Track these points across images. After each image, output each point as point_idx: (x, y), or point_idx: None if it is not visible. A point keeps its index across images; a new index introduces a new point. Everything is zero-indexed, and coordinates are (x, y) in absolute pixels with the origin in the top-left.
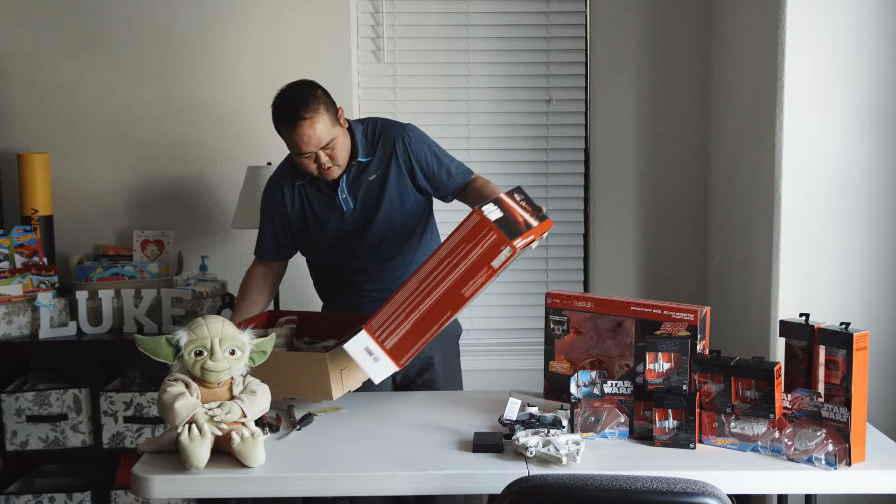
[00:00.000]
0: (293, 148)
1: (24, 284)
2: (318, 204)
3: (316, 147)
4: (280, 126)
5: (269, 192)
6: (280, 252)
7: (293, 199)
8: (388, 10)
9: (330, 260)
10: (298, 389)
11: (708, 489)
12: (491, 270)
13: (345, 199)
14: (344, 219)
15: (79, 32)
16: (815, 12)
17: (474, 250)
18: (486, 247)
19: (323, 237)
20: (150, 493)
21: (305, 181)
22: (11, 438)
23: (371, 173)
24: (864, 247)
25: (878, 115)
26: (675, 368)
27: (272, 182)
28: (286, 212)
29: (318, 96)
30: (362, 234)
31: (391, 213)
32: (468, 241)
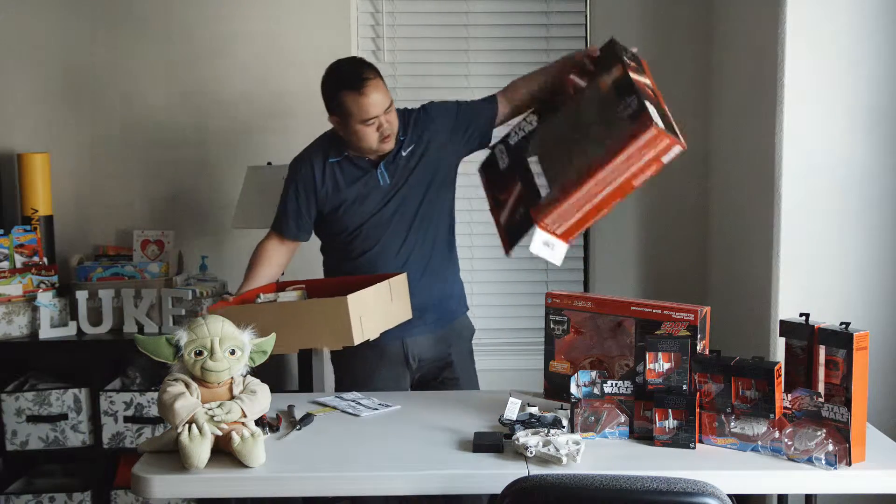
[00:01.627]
0: (361, 114)
1: (24, 284)
2: (353, 180)
3: (380, 110)
4: (343, 92)
5: (297, 168)
6: (299, 230)
7: (323, 177)
8: (388, 10)
9: (352, 240)
10: (317, 338)
11: (708, 489)
12: (660, 164)
13: (381, 173)
14: (379, 193)
15: (78, 32)
16: (815, 12)
17: (648, 153)
18: (660, 149)
19: (353, 215)
20: (150, 493)
21: (341, 158)
22: (11, 438)
23: (405, 149)
24: (864, 247)
25: (878, 115)
26: (675, 368)
27: (301, 159)
28: (315, 189)
29: (371, 64)
30: (393, 211)
31: (422, 190)
32: (645, 148)
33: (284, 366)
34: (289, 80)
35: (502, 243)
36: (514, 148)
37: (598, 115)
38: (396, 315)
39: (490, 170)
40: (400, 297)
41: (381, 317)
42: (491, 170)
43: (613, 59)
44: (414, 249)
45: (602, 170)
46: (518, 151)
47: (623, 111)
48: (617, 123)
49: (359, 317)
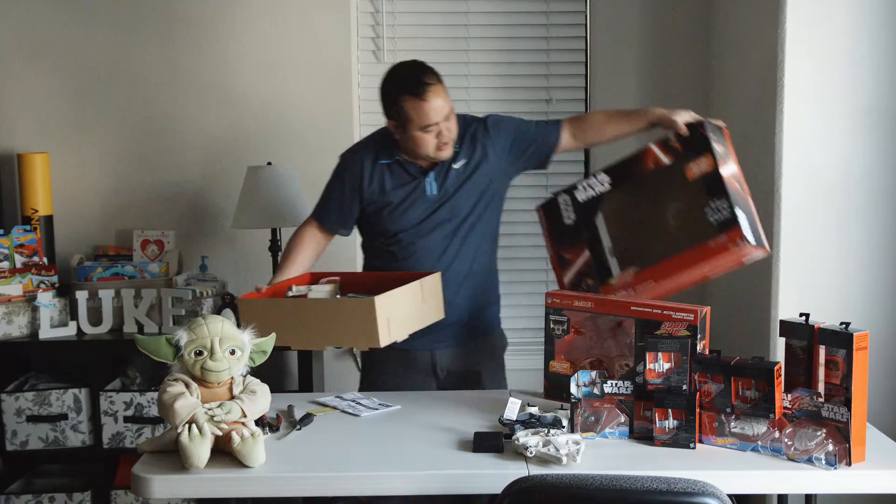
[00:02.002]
0: (421, 120)
1: (24, 284)
2: (400, 184)
3: (441, 116)
4: (404, 97)
5: (347, 163)
6: (339, 224)
7: (371, 176)
8: (388, 10)
9: (394, 243)
10: (343, 337)
11: (708, 489)
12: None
13: (430, 182)
14: (425, 202)
15: (79, 33)
16: (815, 12)
17: (733, 262)
18: (745, 256)
19: (396, 219)
20: (150, 493)
21: (391, 161)
22: (11, 438)
23: (457, 161)
24: (864, 247)
25: (878, 115)
26: (675, 368)
27: (352, 154)
28: (362, 187)
29: (433, 69)
30: (438, 219)
31: (471, 202)
32: (731, 258)
33: (284, 366)
34: (289, 79)
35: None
36: (583, 206)
37: (681, 206)
38: (427, 315)
39: (552, 217)
40: (432, 296)
41: (411, 317)
42: (553, 218)
43: (703, 147)
44: (454, 261)
45: (682, 272)
46: (587, 213)
47: (712, 214)
48: (704, 226)
49: (386, 318)
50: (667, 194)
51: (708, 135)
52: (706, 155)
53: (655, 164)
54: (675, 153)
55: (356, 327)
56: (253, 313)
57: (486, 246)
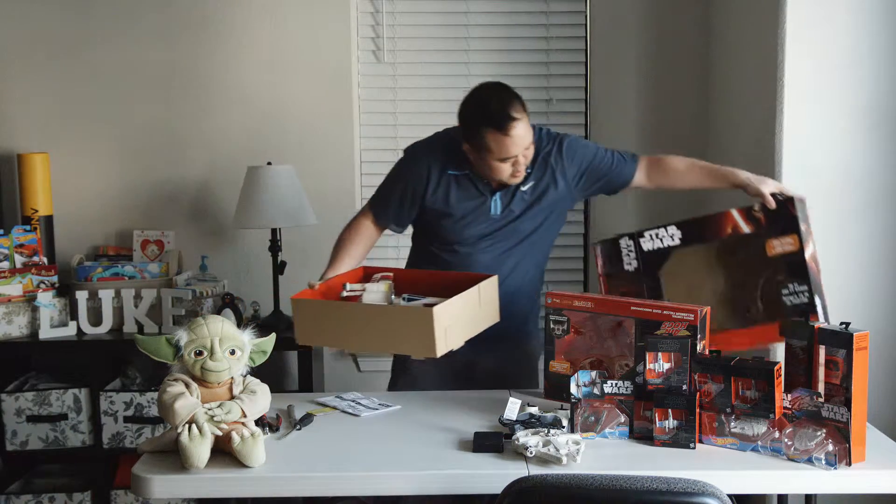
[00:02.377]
0: (501, 152)
1: (24, 284)
2: (465, 198)
3: (521, 149)
4: (487, 128)
5: (412, 165)
6: (396, 222)
7: (437, 185)
8: (388, 10)
9: (445, 253)
10: (400, 344)
11: (708, 489)
12: None
13: (494, 201)
14: (487, 220)
15: (79, 33)
16: (815, 12)
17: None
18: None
19: (456, 229)
20: (150, 493)
21: (460, 174)
22: (11, 438)
23: (526, 183)
24: (864, 247)
25: (878, 115)
26: (675, 368)
27: (419, 158)
28: (424, 194)
29: (518, 96)
30: (495, 237)
31: (532, 223)
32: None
33: (284, 366)
34: (289, 79)
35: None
36: (647, 256)
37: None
38: (484, 320)
39: (610, 257)
40: (489, 301)
41: (468, 324)
42: (611, 258)
43: (790, 227)
44: (508, 277)
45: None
46: (651, 263)
47: (789, 296)
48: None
49: (444, 328)
50: (742, 265)
51: (797, 215)
52: (792, 235)
53: (734, 230)
54: (757, 224)
55: (413, 336)
56: (307, 313)
57: (540, 262)
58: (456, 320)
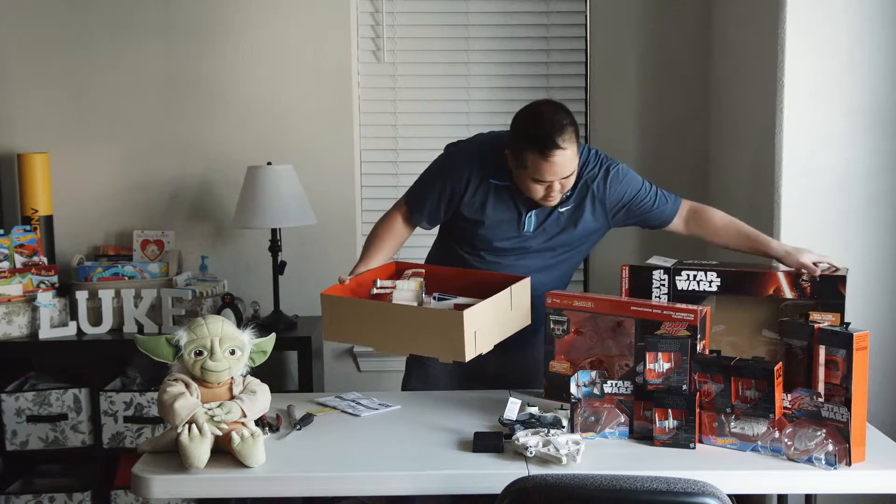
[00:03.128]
0: (536, 174)
1: (24, 284)
2: (501, 209)
3: (559, 177)
4: (528, 148)
5: (453, 166)
6: (429, 220)
7: (476, 191)
8: (388, 10)
9: (475, 259)
10: (428, 346)
11: (708, 489)
12: None
13: (529, 218)
14: (517, 235)
15: (79, 33)
16: (815, 12)
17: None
18: None
19: (486, 238)
20: (150, 493)
21: (501, 184)
22: (11, 438)
23: (564, 206)
24: (864, 247)
25: (878, 115)
26: (675, 368)
27: (462, 160)
28: (462, 197)
29: (573, 124)
30: (526, 252)
31: (565, 245)
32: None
33: (284, 366)
34: (289, 79)
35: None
36: (678, 295)
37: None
38: (514, 323)
39: (639, 282)
40: (521, 303)
41: (498, 328)
42: (640, 284)
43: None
44: (532, 287)
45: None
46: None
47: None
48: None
49: (473, 332)
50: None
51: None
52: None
53: (776, 293)
54: (802, 293)
55: (442, 339)
56: (336, 311)
57: (566, 275)
58: (486, 322)
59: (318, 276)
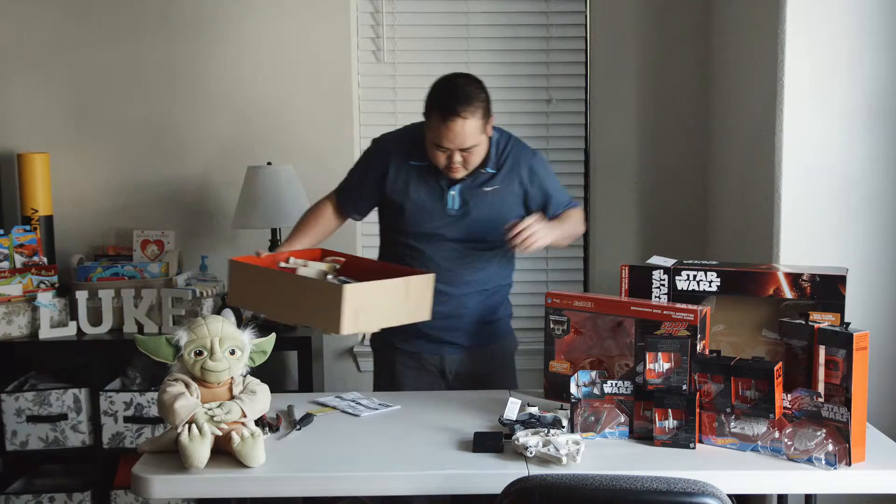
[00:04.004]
0: (435, 138)
1: (24, 284)
2: (424, 190)
3: (457, 147)
4: (432, 112)
5: (377, 153)
6: (355, 209)
7: (398, 174)
8: (388, 10)
9: (410, 245)
10: (312, 317)
11: (708, 489)
12: None
13: (453, 196)
14: (444, 215)
15: (79, 33)
16: (815, 12)
17: None
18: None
19: (414, 222)
20: (150, 493)
21: (422, 164)
22: (11, 438)
23: (489, 185)
24: (864, 247)
25: (878, 115)
26: (675, 368)
27: (383, 146)
28: (385, 181)
29: (482, 100)
30: (453, 234)
31: (491, 225)
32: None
33: (284, 366)
34: (289, 79)
35: None
36: (678, 295)
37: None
38: (410, 314)
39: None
40: (419, 296)
41: (388, 312)
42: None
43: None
44: (466, 273)
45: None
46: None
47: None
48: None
49: (355, 308)
50: (780, 331)
51: (845, 294)
52: (835, 314)
53: (776, 293)
54: (802, 293)
55: (324, 310)
56: (238, 276)
57: (503, 262)
58: (373, 304)
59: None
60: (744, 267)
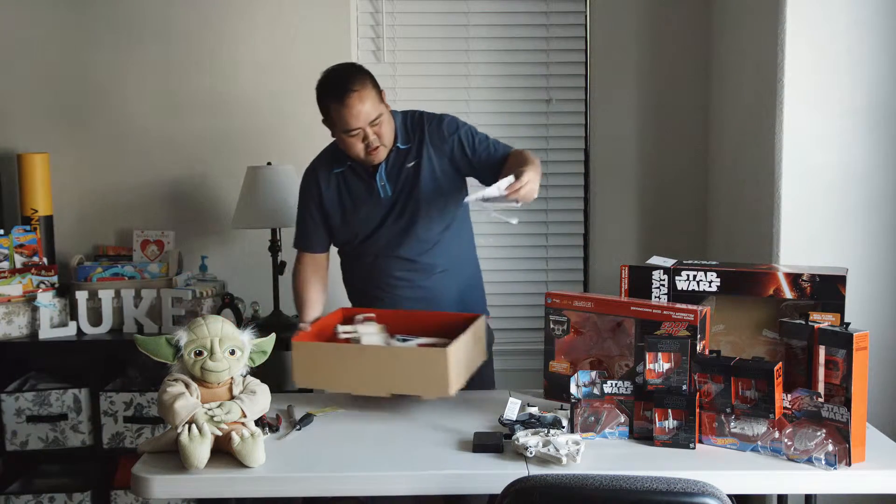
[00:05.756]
0: (342, 124)
1: (24, 284)
2: (356, 190)
3: (365, 122)
4: (328, 101)
5: (305, 181)
6: (319, 243)
7: (329, 185)
8: (388, 10)
9: (361, 247)
10: (411, 384)
11: (708, 489)
12: None
13: (383, 185)
14: (381, 205)
15: (79, 33)
16: (815, 12)
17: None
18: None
19: (357, 223)
20: (150, 493)
21: (344, 168)
22: (11, 438)
23: (409, 161)
24: (864, 247)
25: (878, 115)
26: (675, 368)
27: (308, 172)
28: (322, 199)
29: (365, 73)
30: (396, 220)
31: (427, 201)
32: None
33: (284, 366)
34: (289, 80)
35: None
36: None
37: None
38: (477, 358)
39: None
40: (480, 339)
41: (469, 363)
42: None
43: (836, 304)
44: (422, 246)
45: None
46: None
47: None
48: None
49: (456, 367)
50: (780, 331)
51: (845, 294)
52: (835, 314)
53: (776, 293)
54: (802, 293)
55: (427, 376)
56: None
57: (458, 240)
58: (461, 359)
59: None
60: (744, 267)
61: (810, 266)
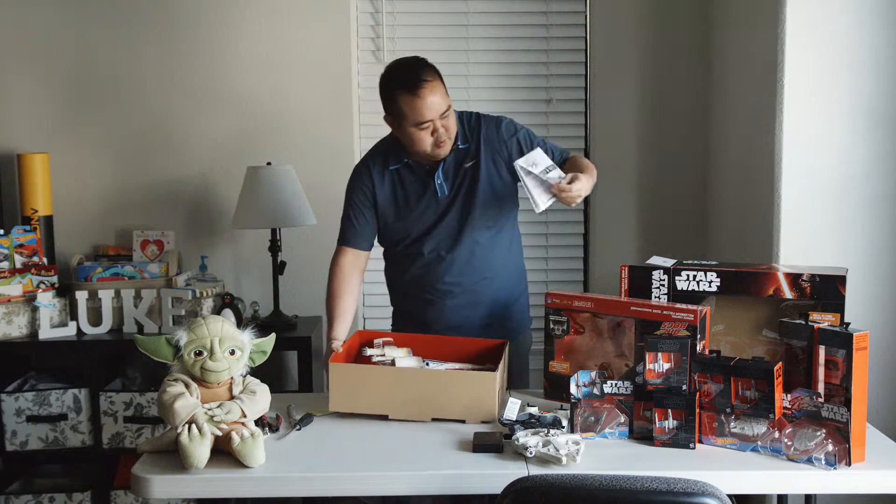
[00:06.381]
0: (414, 116)
1: (24, 284)
2: (412, 188)
3: (437, 114)
4: (398, 92)
5: (356, 177)
6: (367, 239)
7: (383, 183)
8: (388, 10)
9: (412, 247)
10: (455, 410)
11: (708, 489)
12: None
13: (440, 184)
14: (437, 204)
15: (79, 33)
16: (815, 12)
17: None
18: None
19: (412, 222)
20: (150, 493)
21: (400, 165)
22: (11, 438)
23: (468, 161)
24: (863, 247)
25: (878, 115)
26: (675, 368)
27: (360, 168)
28: (374, 196)
29: (432, 65)
30: (451, 221)
31: (482, 203)
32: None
33: (284, 366)
34: (289, 80)
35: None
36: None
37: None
38: (505, 384)
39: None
40: (505, 361)
41: (502, 388)
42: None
43: (836, 304)
44: (476, 249)
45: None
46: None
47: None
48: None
49: (499, 391)
50: (780, 331)
51: (845, 294)
52: (835, 314)
53: (776, 293)
54: (802, 293)
55: (473, 400)
56: (347, 379)
57: (508, 245)
58: (501, 385)
59: (317, 276)
60: (744, 267)
61: (810, 266)
